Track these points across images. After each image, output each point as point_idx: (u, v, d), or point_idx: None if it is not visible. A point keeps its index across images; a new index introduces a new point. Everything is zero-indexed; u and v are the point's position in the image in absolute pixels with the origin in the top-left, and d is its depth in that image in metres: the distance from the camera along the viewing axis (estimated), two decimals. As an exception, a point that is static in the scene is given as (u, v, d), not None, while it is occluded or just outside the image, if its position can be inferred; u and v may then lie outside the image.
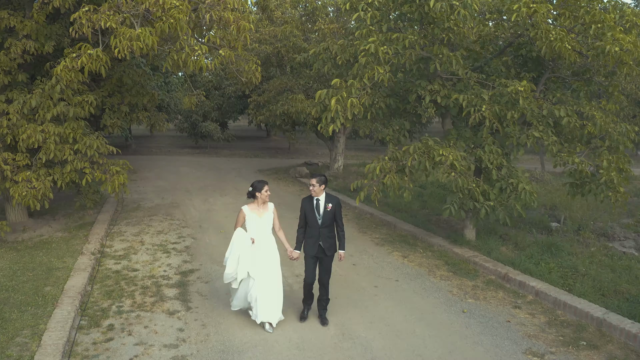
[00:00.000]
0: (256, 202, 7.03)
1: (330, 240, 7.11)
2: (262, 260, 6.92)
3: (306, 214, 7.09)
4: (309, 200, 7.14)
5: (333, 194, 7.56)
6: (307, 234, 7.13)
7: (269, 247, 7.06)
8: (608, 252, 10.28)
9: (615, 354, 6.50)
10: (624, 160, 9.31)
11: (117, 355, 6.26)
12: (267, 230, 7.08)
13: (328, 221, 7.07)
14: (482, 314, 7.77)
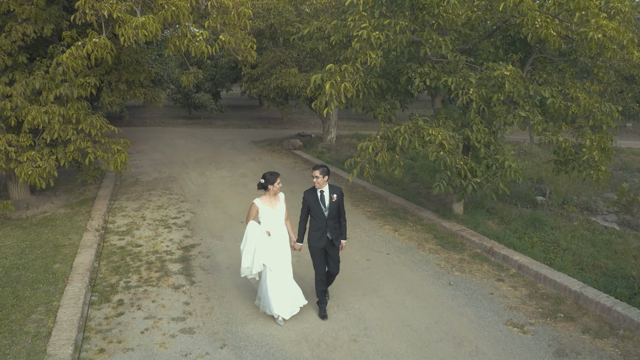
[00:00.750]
0: (267, 194, 6.91)
1: (336, 231, 7.07)
2: (277, 253, 6.88)
3: (310, 207, 6.98)
4: (312, 192, 7.03)
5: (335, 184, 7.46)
6: (313, 226, 7.02)
7: (283, 239, 7.01)
8: (590, 226, 10.78)
9: (590, 325, 7.04)
10: (607, 139, 9.71)
11: (129, 329, 6.73)
12: (280, 222, 7.01)
13: (334, 212, 7.00)
14: (468, 286, 8.29)
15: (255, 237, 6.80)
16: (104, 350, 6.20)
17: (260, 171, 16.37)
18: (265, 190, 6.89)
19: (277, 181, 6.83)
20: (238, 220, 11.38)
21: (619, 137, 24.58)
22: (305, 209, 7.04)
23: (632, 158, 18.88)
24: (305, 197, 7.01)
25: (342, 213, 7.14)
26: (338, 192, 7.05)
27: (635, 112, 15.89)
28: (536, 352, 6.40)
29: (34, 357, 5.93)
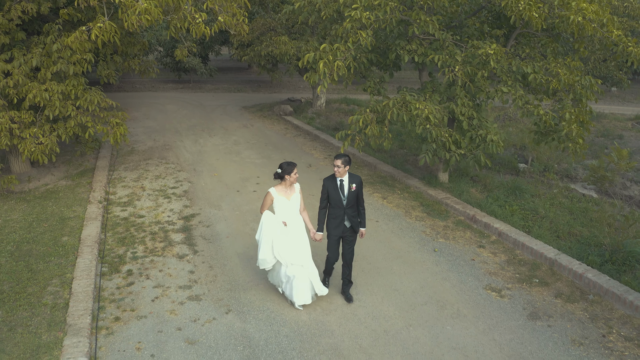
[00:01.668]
0: (283, 184, 6.86)
1: (354, 220, 7.10)
2: (294, 246, 6.89)
3: (329, 195, 6.95)
4: (331, 180, 6.97)
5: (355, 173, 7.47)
6: (331, 214, 7.03)
7: (299, 229, 6.99)
8: (569, 194, 11.41)
9: (563, 290, 7.71)
10: (586, 112, 10.22)
11: (140, 297, 7.31)
12: (296, 212, 6.98)
13: (352, 201, 7.00)
14: (451, 252, 8.92)
15: (271, 228, 6.78)
16: (119, 319, 6.78)
17: (253, 138, 16.80)
18: (281, 179, 6.83)
19: (293, 171, 6.76)
20: (234, 189, 11.88)
21: (604, 102, 25.09)
22: (325, 196, 6.99)
23: (614, 124, 19.45)
24: (325, 185, 6.97)
25: (361, 201, 7.13)
26: (357, 181, 7.02)
27: (618, 79, 16.36)
28: (512, 315, 7.08)
29: (55, 327, 6.49)
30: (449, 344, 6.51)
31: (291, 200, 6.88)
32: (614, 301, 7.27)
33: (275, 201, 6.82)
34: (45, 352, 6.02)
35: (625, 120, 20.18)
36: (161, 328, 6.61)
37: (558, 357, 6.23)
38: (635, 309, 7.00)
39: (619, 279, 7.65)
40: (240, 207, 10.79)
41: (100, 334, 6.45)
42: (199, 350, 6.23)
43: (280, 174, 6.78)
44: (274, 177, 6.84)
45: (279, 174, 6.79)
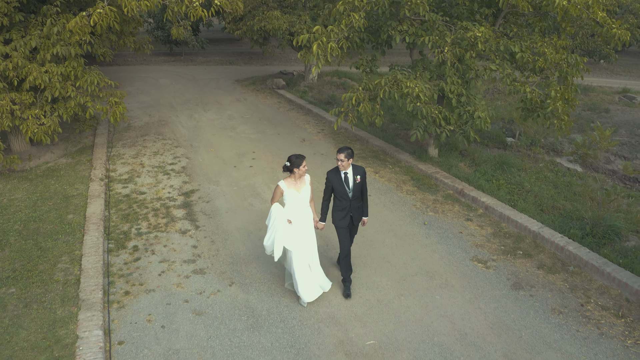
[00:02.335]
0: (293, 177, 6.84)
1: (359, 210, 7.18)
2: (302, 236, 6.89)
3: (334, 188, 6.98)
4: (335, 172, 6.98)
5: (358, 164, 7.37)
6: (336, 206, 7.08)
7: (308, 222, 7.00)
8: (554, 167, 11.86)
9: (545, 262, 8.21)
10: (571, 90, 10.59)
11: (147, 272, 7.73)
12: (306, 205, 6.96)
13: (357, 193, 7.07)
14: (440, 225, 9.38)
15: (279, 221, 6.74)
16: (129, 293, 7.21)
17: (247, 113, 17.06)
18: (290, 172, 6.81)
19: (302, 164, 6.72)
20: (231, 164, 12.24)
21: (592, 75, 25.33)
22: (329, 189, 7.03)
23: (602, 98, 19.80)
24: (329, 178, 6.99)
25: (365, 191, 7.20)
26: (361, 173, 7.05)
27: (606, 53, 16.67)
28: (496, 285, 7.58)
29: (69, 303, 6.90)
30: (437, 312, 7.00)
31: (301, 193, 6.85)
32: (592, 272, 7.77)
33: (286, 194, 6.80)
34: (62, 326, 6.45)
35: (613, 93, 20.53)
36: (169, 301, 7.06)
37: (538, 324, 6.74)
38: (612, 280, 7.49)
39: (598, 251, 8.14)
40: (237, 183, 11.16)
41: (112, 308, 6.88)
42: (206, 320, 6.69)
43: (289, 167, 6.74)
44: (283, 169, 6.81)
45: (288, 167, 6.74)
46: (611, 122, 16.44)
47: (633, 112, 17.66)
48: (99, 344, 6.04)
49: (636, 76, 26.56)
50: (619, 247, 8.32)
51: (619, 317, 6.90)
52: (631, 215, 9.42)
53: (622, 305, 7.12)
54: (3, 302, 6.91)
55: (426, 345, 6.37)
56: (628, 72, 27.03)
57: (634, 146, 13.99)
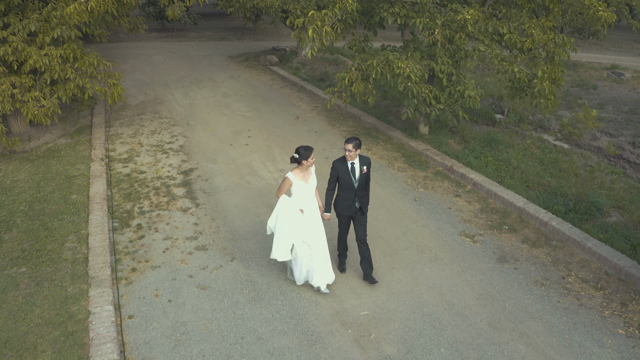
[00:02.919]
0: (300, 169, 6.86)
1: (364, 200, 7.19)
2: (312, 227, 6.96)
3: (340, 177, 7.00)
4: (342, 162, 7.00)
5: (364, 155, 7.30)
6: (342, 196, 7.11)
7: (316, 211, 7.04)
8: (541, 144, 12.25)
9: (529, 236, 8.65)
10: (558, 70, 10.90)
11: (152, 249, 8.11)
12: (313, 195, 7.01)
13: (363, 183, 7.10)
14: (430, 201, 9.79)
15: (288, 214, 6.80)
16: (136, 269, 7.60)
17: (241, 90, 17.29)
18: (298, 164, 6.84)
19: (310, 156, 6.74)
20: (227, 143, 12.55)
21: (582, 50, 25.57)
22: (334, 179, 7.06)
23: (590, 74, 20.11)
24: (335, 167, 7.01)
25: (369, 181, 7.26)
26: (367, 163, 7.08)
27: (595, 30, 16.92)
28: (483, 259, 8.03)
29: (79, 280, 7.29)
30: (427, 284, 7.45)
31: (309, 184, 6.90)
32: (574, 247, 8.23)
33: (294, 186, 6.84)
34: (74, 302, 6.84)
35: (601, 69, 20.84)
36: (174, 276, 7.46)
37: (521, 295, 7.21)
38: (592, 254, 7.95)
39: (580, 226, 8.58)
40: (235, 161, 11.50)
41: (121, 284, 7.28)
42: (210, 294, 7.11)
43: (297, 158, 6.76)
44: (291, 161, 6.81)
45: (296, 159, 6.76)
46: (599, 98, 16.81)
47: (620, 89, 18.02)
48: (111, 319, 6.45)
49: (625, 51, 26.85)
50: (600, 222, 8.77)
51: (597, 289, 7.37)
52: (614, 192, 9.86)
53: (601, 278, 7.59)
54: (15, 281, 7.28)
55: (416, 315, 6.82)
56: (618, 48, 27.27)
57: (620, 123, 14.39)
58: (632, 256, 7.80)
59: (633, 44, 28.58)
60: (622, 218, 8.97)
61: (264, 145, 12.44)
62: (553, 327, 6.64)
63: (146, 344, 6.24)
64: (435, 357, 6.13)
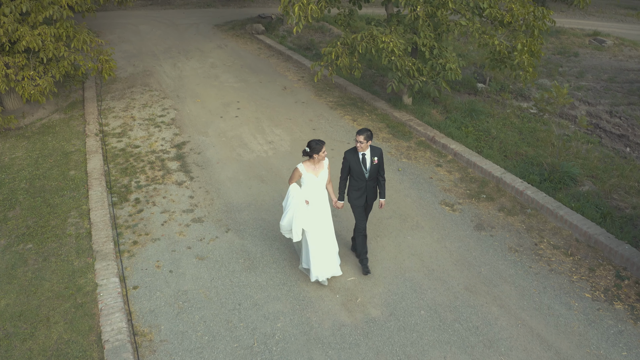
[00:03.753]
0: (311, 161, 6.91)
1: (374, 190, 7.34)
2: (317, 217, 7.02)
3: (351, 167, 7.10)
4: (353, 153, 7.08)
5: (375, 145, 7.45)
6: (353, 186, 7.23)
7: (323, 204, 7.10)
8: (521, 113, 12.73)
9: (505, 205, 9.22)
10: (537, 42, 11.32)
11: (151, 222, 8.59)
12: (322, 188, 7.06)
13: (374, 174, 7.20)
14: (412, 171, 10.30)
15: (297, 202, 6.92)
16: (137, 242, 8.09)
17: (229, 60, 17.51)
18: (310, 157, 6.89)
19: (322, 150, 6.78)
20: (217, 115, 12.91)
21: (565, 16, 25.78)
22: (346, 169, 7.15)
23: (572, 41, 20.42)
24: (347, 158, 7.10)
25: (382, 172, 7.30)
26: (379, 154, 7.15)
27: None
28: (461, 226, 8.60)
29: (84, 254, 7.76)
30: (409, 251, 8.02)
31: (319, 177, 6.96)
32: (547, 215, 8.81)
33: (304, 177, 6.92)
34: (81, 275, 7.34)
35: (583, 36, 21.16)
36: (174, 248, 7.97)
37: (496, 261, 7.81)
38: (564, 222, 8.54)
39: (554, 195, 9.15)
40: (225, 134, 11.89)
41: (124, 257, 7.77)
42: (208, 264, 7.64)
43: (308, 152, 6.81)
44: (303, 154, 6.89)
45: (308, 152, 6.82)
46: (579, 66, 17.22)
47: (601, 56, 18.42)
48: (117, 290, 6.97)
49: (609, 17, 27.11)
50: (573, 191, 9.34)
51: (568, 255, 7.98)
52: (588, 161, 10.41)
53: (572, 245, 8.19)
54: (23, 257, 7.74)
55: (399, 280, 7.41)
56: (601, 13, 27.45)
57: (599, 92, 14.87)
58: (601, 224, 8.38)
59: (617, 9, 28.81)
60: (594, 187, 9.54)
61: (253, 117, 12.82)
62: (524, 291, 7.25)
63: (151, 312, 6.78)
64: (416, 319, 6.74)
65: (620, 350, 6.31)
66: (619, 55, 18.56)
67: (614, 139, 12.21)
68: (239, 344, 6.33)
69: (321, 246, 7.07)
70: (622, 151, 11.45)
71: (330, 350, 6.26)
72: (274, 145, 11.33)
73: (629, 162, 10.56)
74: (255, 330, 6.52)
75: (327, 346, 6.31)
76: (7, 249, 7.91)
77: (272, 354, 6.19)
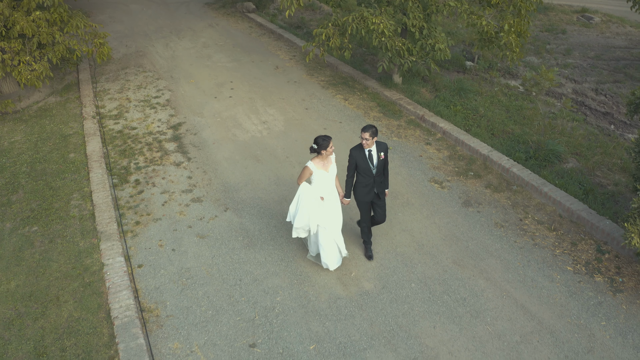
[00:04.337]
0: (320, 158, 6.96)
1: (382, 185, 7.38)
2: (330, 212, 7.14)
3: (358, 164, 7.13)
4: (359, 150, 7.11)
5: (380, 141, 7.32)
6: (360, 182, 7.28)
7: (335, 198, 7.22)
8: (508, 91, 13.05)
9: (492, 182, 9.59)
10: (524, 23, 11.58)
11: (152, 203, 8.91)
12: (332, 183, 7.15)
13: (381, 169, 7.25)
14: (403, 149, 10.64)
15: (309, 201, 7.00)
16: (139, 222, 8.42)
17: (220, 40, 17.63)
18: (317, 154, 6.94)
19: (330, 145, 6.83)
20: (211, 95, 13.14)
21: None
22: (353, 166, 7.19)
23: (560, 18, 20.57)
24: (353, 155, 7.13)
25: (387, 165, 7.40)
26: (384, 149, 7.21)
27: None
28: (450, 203, 8.99)
29: (89, 235, 8.09)
30: (400, 227, 8.40)
31: (329, 172, 7.03)
32: (532, 191, 9.20)
33: (315, 175, 6.97)
34: (87, 256, 7.67)
35: (572, 12, 21.30)
36: (175, 227, 8.31)
37: (483, 236, 8.21)
38: (548, 198, 8.93)
39: (538, 173, 9.52)
40: (220, 114, 12.15)
41: (127, 237, 8.11)
42: (209, 242, 7.99)
43: (316, 149, 6.84)
44: (310, 151, 6.91)
45: (316, 149, 6.85)
46: (567, 43, 17.48)
47: (589, 33, 18.66)
48: (123, 269, 7.32)
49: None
50: (558, 168, 9.72)
51: (551, 230, 8.39)
52: (573, 139, 10.77)
53: (555, 220, 8.59)
54: (29, 240, 8.05)
55: (390, 255, 7.80)
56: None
57: (585, 69, 15.18)
58: (584, 200, 8.78)
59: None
60: (578, 164, 9.93)
61: (247, 97, 13.06)
62: (509, 264, 7.67)
63: (156, 289, 7.15)
64: (407, 291, 7.15)
65: (600, 320, 6.75)
66: (606, 32, 18.81)
67: (598, 117, 12.58)
68: (241, 317, 6.72)
69: (332, 240, 7.22)
70: (607, 129, 11.82)
71: (327, 321, 6.67)
72: (268, 125, 11.60)
73: (613, 140, 10.94)
74: (256, 304, 6.91)
75: (324, 318, 6.72)
76: (13, 232, 8.22)
77: (273, 326, 6.59)
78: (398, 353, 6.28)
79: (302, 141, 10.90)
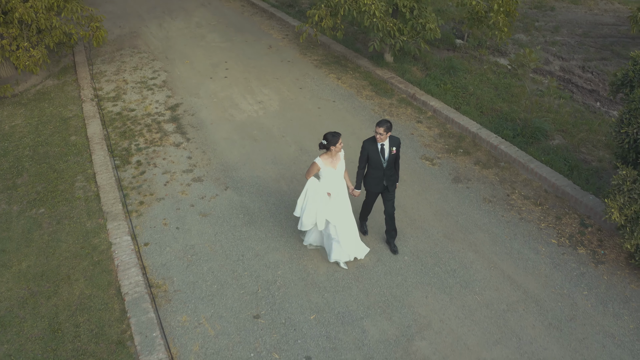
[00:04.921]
0: (329, 154, 7.02)
1: (392, 178, 7.45)
2: (339, 208, 7.21)
3: (369, 156, 7.21)
4: (372, 143, 7.18)
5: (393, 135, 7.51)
6: (370, 174, 7.38)
7: (343, 194, 7.26)
8: (497, 69, 13.36)
9: (481, 158, 9.98)
10: (512, 3, 11.85)
11: (154, 183, 9.23)
12: (341, 179, 7.20)
13: (392, 163, 7.33)
14: (395, 127, 10.94)
15: (317, 196, 7.09)
16: (143, 202, 8.76)
17: (213, 19, 17.76)
18: (327, 150, 6.98)
19: (339, 142, 6.87)
20: (207, 76, 13.37)
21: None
22: (364, 158, 7.27)
23: (548, -8, 20.84)
24: (365, 147, 7.22)
25: (398, 160, 7.47)
26: (397, 144, 7.27)
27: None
28: (440, 179, 9.37)
29: (95, 215, 8.42)
30: (394, 204, 8.78)
31: (337, 169, 7.08)
32: (519, 168, 9.59)
33: (322, 171, 7.02)
34: (94, 236, 8.02)
35: (559, -14, 21.58)
36: (178, 206, 8.66)
37: (472, 211, 8.62)
38: (534, 174, 9.32)
39: (525, 149, 9.89)
40: (216, 94, 12.41)
41: (132, 216, 8.45)
42: (211, 220, 8.36)
43: (325, 145, 6.89)
44: (319, 147, 6.96)
45: (325, 145, 6.90)
46: (555, 20, 17.73)
47: (577, 10, 18.90)
48: (130, 247, 7.68)
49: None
50: (544, 145, 10.10)
51: (537, 205, 8.80)
52: (559, 116, 11.14)
53: (541, 195, 9.01)
54: (37, 222, 8.37)
55: (384, 229, 8.18)
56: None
57: (573, 47, 15.48)
58: (568, 176, 9.18)
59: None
60: (564, 141, 10.31)
61: (242, 78, 13.30)
62: (497, 238, 8.09)
63: (163, 266, 7.53)
64: (401, 264, 7.58)
65: (582, 290, 7.20)
66: (594, 9, 19.06)
67: (585, 94, 12.93)
68: (244, 290, 7.13)
69: (344, 234, 7.31)
70: (592, 106, 12.18)
71: (326, 293, 7.10)
72: (264, 105, 11.89)
73: (598, 117, 11.32)
74: (259, 278, 7.32)
75: (323, 290, 7.14)
76: (21, 215, 8.53)
77: (275, 298, 7.01)
78: (393, 321, 6.72)
79: (297, 120, 11.21)
